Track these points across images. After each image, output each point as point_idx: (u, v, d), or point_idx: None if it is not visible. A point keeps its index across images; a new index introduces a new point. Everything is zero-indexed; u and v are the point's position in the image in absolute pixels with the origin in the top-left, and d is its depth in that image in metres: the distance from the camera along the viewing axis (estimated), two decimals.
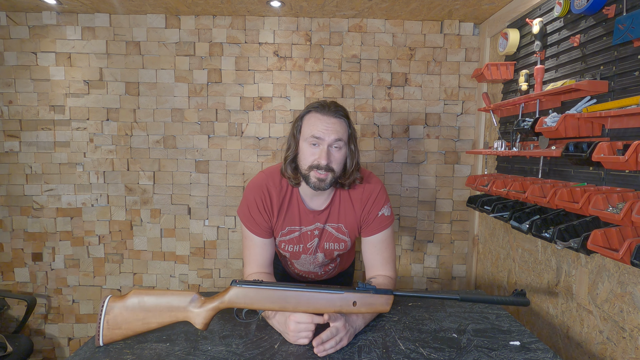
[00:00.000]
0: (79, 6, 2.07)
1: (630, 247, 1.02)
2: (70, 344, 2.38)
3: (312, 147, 1.16)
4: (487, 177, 1.90)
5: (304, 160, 1.18)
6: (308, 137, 1.16)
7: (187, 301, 0.99)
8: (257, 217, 1.26)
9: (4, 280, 2.31)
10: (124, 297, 0.99)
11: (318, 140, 1.15)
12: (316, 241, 1.33)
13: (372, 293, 1.00)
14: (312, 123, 1.16)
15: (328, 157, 1.15)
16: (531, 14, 1.69)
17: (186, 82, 2.25)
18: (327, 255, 1.38)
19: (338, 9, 2.07)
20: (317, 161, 1.15)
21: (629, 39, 1.13)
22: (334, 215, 1.30)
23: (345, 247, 1.36)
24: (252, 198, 1.26)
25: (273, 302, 0.99)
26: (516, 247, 1.83)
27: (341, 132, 1.17)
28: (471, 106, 2.30)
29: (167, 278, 2.36)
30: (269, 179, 1.27)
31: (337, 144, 1.17)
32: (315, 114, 1.17)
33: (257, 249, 1.28)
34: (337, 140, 1.16)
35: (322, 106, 1.18)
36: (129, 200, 2.31)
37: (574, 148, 1.26)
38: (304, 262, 1.40)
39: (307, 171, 1.18)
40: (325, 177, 1.16)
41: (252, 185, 1.28)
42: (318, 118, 1.16)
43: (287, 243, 1.33)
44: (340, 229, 1.32)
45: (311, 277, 1.51)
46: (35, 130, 2.23)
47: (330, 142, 1.15)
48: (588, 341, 1.36)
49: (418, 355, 0.98)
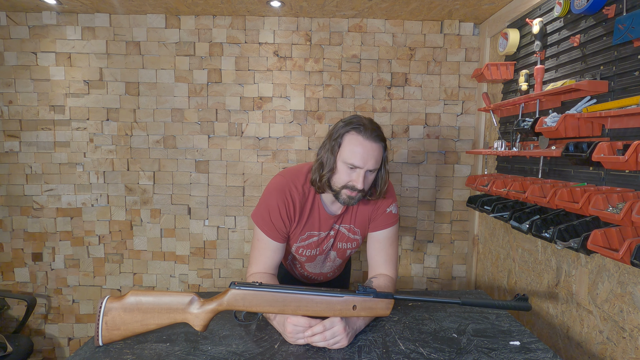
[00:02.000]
0: (79, 6, 2.07)
1: (630, 247, 1.02)
2: (70, 344, 2.38)
3: (349, 169, 1.16)
4: (487, 177, 1.90)
5: (338, 180, 1.18)
6: (347, 161, 1.15)
7: (185, 303, 0.98)
8: (277, 223, 1.24)
9: (4, 280, 2.31)
10: (121, 298, 0.98)
11: (357, 167, 1.15)
12: (331, 242, 1.34)
13: (372, 297, 1.00)
14: (353, 147, 1.15)
15: (364, 183, 1.16)
16: (531, 14, 1.69)
17: (186, 82, 2.25)
18: (339, 254, 1.40)
19: (338, 9, 2.07)
20: (352, 183, 1.16)
21: (629, 39, 1.13)
22: (348, 216, 1.31)
23: (357, 245, 1.39)
24: (274, 203, 1.23)
25: (272, 305, 0.99)
26: (516, 247, 1.83)
27: (379, 159, 1.18)
28: (471, 106, 2.30)
29: (167, 278, 2.36)
30: (290, 183, 1.25)
31: (373, 170, 1.18)
32: (357, 136, 1.15)
33: (269, 251, 1.26)
34: (374, 168, 1.18)
35: (364, 127, 1.16)
36: (129, 200, 2.31)
37: (574, 148, 1.26)
38: (317, 263, 1.41)
39: (339, 189, 1.18)
40: (355, 196, 1.18)
41: (273, 188, 1.25)
42: (360, 142, 1.14)
43: (305, 248, 1.33)
44: (351, 229, 1.34)
45: (320, 279, 1.51)
46: (35, 130, 2.23)
47: (368, 168, 1.16)
48: (588, 341, 1.36)
49: (418, 355, 0.98)
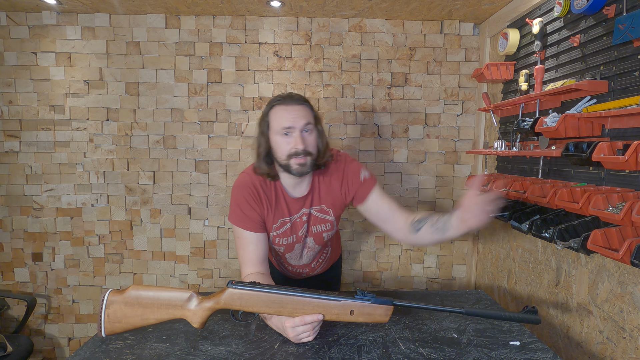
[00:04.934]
0: (79, 6, 2.07)
1: (630, 247, 1.02)
2: (70, 344, 2.38)
3: (285, 137, 1.21)
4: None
5: (280, 151, 1.22)
6: (279, 130, 1.20)
7: (184, 299, 0.99)
8: (249, 212, 1.27)
9: (4, 280, 2.31)
10: (123, 292, 1.00)
11: (289, 129, 1.20)
12: (305, 227, 1.36)
13: (370, 302, 0.98)
14: (279, 115, 1.21)
15: (303, 142, 1.20)
16: (531, 14, 1.69)
17: (186, 82, 2.25)
18: (317, 240, 1.40)
19: (338, 9, 2.07)
20: (294, 149, 1.19)
21: (629, 39, 1.13)
22: (317, 198, 1.34)
23: (332, 226, 1.39)
24: (240, 196, 1.28)
25: (269, 306, 0.99)
26: (516, 247, 1.83)
27: (308, 116, 1.22)
28: (471, 106, 2.30)
29: (167, 278, 2.36)
30: (251, 176, 1.31)
31: (307, 128, 1.22)
32: (279, 106, 1.22)
33: (251, 245, 1.28)
34: (307, 124, 1.21)
35: (283, 98, 1.23)
36: (129, 200, 2.31)
37: (574, 148, 1.26)
38: (297, 253, 1.42)
39: (286, 160, 1.21)
40: (305, 161, 1.21)
41: (237, 186, 1.31)
42: (284, 109, 1.21)
43: (281, 236, 1.35)
44: (322, 210, 1.35)
45: (305, 273, 1.52)
46: (35, 130, 2.23)
47: (301, 127, 1.20)
48: (588, 341, 1.36)
49: (418, 355, 0.98)
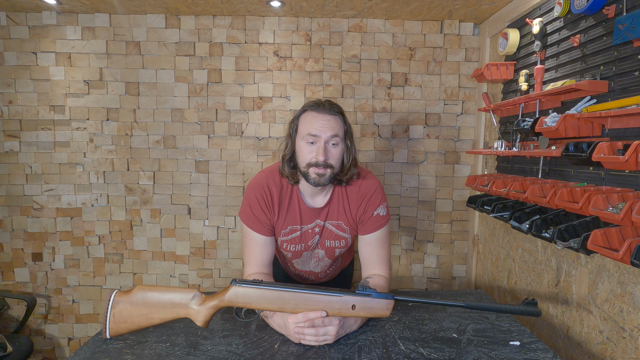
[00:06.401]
0: (79, 6, 2.07)
1: (630, 247, 1.02)
2: (70, 344, 2.38)
3: (310, 145, 1.18)
4: (487, 177, 1.90)
5: (302, 158, 1.20)
6: (305, 136, 1.18)
7: (188, 298, 1.01)
8: (259, 215, 1.26)
9: (4, 280, 2.31)
10: (129, 292, 1.02)
11: (315, 137, 1.17)
12: (317, 238, 1.34)
13: (372, 297, 0.99)
14: (308, 121, 1.18)
15: (325, 154, 1.17)
16: (531, 14, 1.69)
17: (186, 82, 2.25)
18: (328, 254, 1.38)
19: (338, 9, 2.07)
20: (315, 158, 1.17)
21: (629, 39, 1.13)
22: (334, 213, 1.31)
23: (346, 244, 1.37)
24: (253, 196, 1.27)
25: (272, 303, 0.99)
26: (516, 247, 1.83)
27: (337, 129, 1.19)
28: (471, 106, 2.30)
29: (167, 278, 2.36)
30: (268, 177, 1.29)
31: (333, 140, 1.18)
32: (310, 112, 1.19)
33: (257, 247, 1.28)
34: (334, 136, 1.18)
35: (317, 105, 1.20)
36: (129, 200, 2.31)
37: (574, 148, 1.26)
38: (305, 259, 1.40)
39: (305, 168, 1.19)
40: (324, 173, 1.18)
41: (252, 184, 1.30)
42: (314, 116, 1.18)
43: (289, 243, 1.33)
44: (340, 226, 1.33)
45: (311, 279, 1.51)
46: (35, 130, 2.23)
47: (326, 138, 1.17)
48: (588, 341, 1.36)
49: (418, 355, 0.98)
